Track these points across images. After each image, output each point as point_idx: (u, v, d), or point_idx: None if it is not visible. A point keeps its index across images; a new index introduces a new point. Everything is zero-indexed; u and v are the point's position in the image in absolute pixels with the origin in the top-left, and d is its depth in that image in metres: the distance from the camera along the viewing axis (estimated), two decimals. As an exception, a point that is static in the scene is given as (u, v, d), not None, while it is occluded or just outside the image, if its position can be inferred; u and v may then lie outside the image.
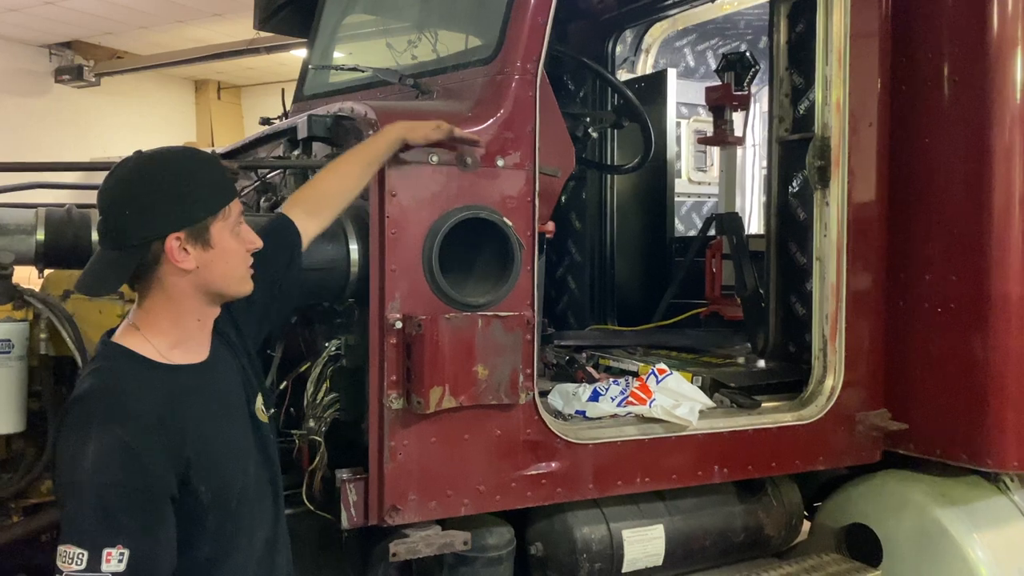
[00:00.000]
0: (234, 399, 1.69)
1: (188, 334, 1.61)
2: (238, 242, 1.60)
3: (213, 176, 1.58)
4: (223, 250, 1.56)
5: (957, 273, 2.62)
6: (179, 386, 1.56)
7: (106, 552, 1.39)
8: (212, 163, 1.62)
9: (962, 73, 2.60)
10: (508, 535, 2.24)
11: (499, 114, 2.07)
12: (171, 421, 1.50)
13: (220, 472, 1.57)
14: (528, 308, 2.11)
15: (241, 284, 1.63)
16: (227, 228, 1.57)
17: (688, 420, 2.31)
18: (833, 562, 2.63)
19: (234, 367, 1.71)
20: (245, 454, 1.66)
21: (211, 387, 1.63)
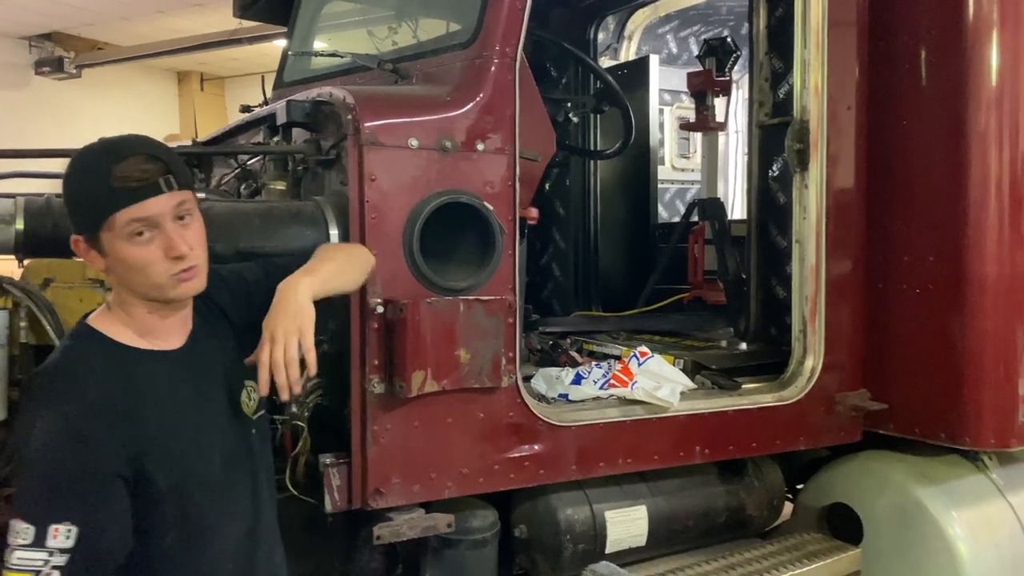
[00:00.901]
0: (212, 389, 1.67)
1: (148, 325, 1.60)
2: (141, 252, 1.51)
3: (97, 187, 1.50)
4: (120, 259, 1.52)
5: (935, 254, 2.65)
6: (143, 371, 1.56)
7: (52, 528, 1.41)
8: (101, 172, 1.50)
9: (939, 56, 2.63)
10: (492, 518, 2.25)
11: (478, 98, 2.07)
12: (124, 405, 1.50)
13: (180, 461, 1.55)
14: (510, 292, 2.12)
15: (161, 291, 1.55)
16: (117, 239, 1.50)
17: (669, 402, 2.33)
18: (814, 541, 2.67)
19: (219, 357, 1.69)
20: (212, 446, 1.63)
21: (181, 374, 1.62)
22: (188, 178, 1.60)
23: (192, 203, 1.58)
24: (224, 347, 1.72)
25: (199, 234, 1.59)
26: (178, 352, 1.63)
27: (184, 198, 1.55)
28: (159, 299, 1.57)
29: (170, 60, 12.49)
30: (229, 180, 2.52)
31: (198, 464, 1.59)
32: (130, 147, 1.54)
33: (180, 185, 1.54)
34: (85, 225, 1.53)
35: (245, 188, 2.40)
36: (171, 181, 1.52)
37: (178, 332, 1.64)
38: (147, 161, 1.51)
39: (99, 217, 1.50)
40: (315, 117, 2.08)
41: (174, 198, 1.53)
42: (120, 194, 1.49)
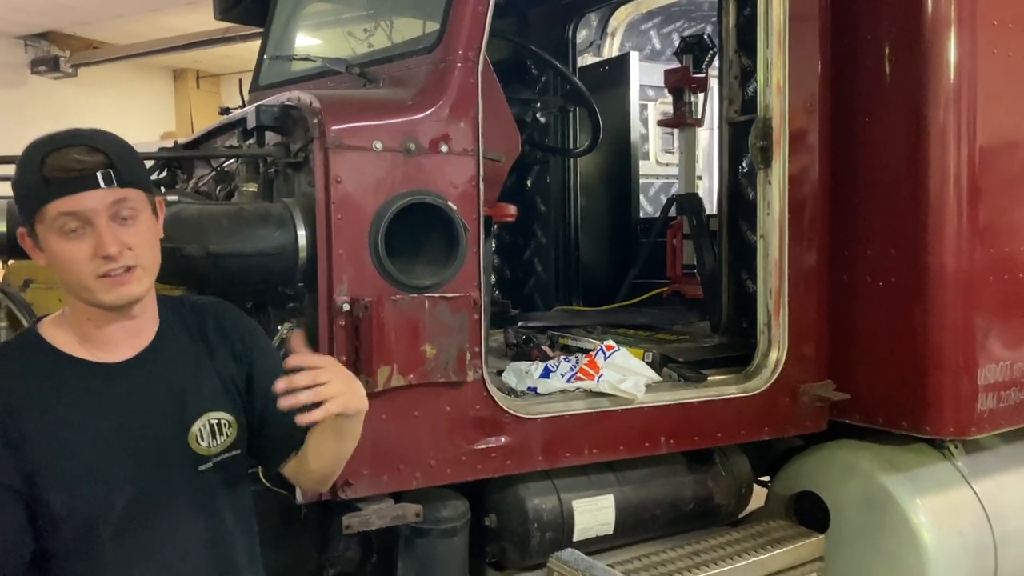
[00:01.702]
0: (148, 414, 1.53)
1: (87, 331, 1.51)
2: (70, 248, 1.42)
3: (30, 177, 1.43)
4: (51, 254, 1.45)
5: (896, 248, 2.71)
6: (61, 379, 1.48)
7: None
8: (34, 163, 1.43)
9: (899, 54, 2.69)
10: (462, 507, 2.32)
11: (442, 102, 2.13)
12: (19, 412, 1.43)
13: (71, 489, 1.45)
14: (475, 289, 2.18)
15: (89, 293, 1.45)
16: (48, 232, 1.42)
17: (633, 394, 2.40)
18: (779, 528, 2.74)
19: (176, 380, 1.56)
20: (120, 478, 1.48)
21: (110, 390, 1.51)
22: (137, 176, 1.50)
23: (140, 203, 1.48)
24: (195, 372, 1.59)
25: (144, 236, 1.48)
26: (116, 366, 1.52)
27: (127, 196, 1.45)
28: (91, 302, 1.47)
29: (165, 58, 12.55)
30: (207, 182, 2.59)
31: (91, 499, 1.46)
32: (71, 138, 1.46)
33: (124, 182, 1.44)
34: (24, 217, 1.46)
35: (221, 190, 2.47)
36: (111, 176, 1.43)
37: (124, 343, 1.54)
38: (86, 153, 1.43)
39: (32, 209, 1.43)
40: (284, 121, 2.15)
41: (113, 194, 1.43)
42: (51, 185, 1.41)
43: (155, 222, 1.53)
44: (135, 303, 1.51)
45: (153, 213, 1.53)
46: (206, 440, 1.58)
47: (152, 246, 1.51)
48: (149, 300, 1.57)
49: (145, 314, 1.57)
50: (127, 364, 1.54)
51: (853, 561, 2.81)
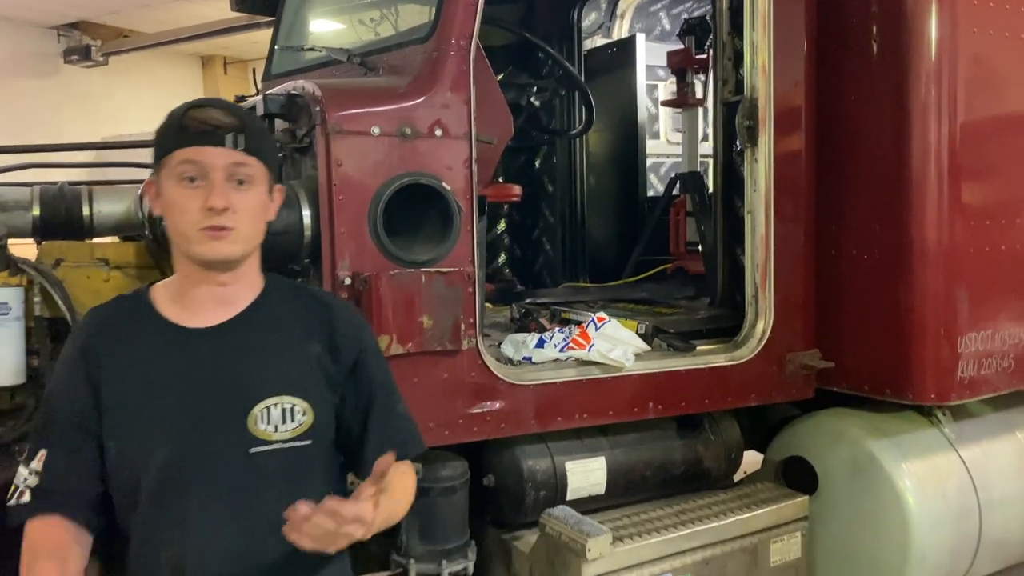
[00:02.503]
0: (205, 385, 1.54)
1: (182, 290, 1.58)
2: (182, 195, 1.51)
3: (169, 125, 1.54)
4: (166, 200, 1.54)
5: (880, 222, 2.81)
6: (141, 336, 1.56)
7: (40, 452, 1.54)
8: (178, 113, 1.54)
9: (883, 34, 2.78)
10: (462, 468, 2.49)
11: (436, 88, 2.27)
12: (100, 357, 1.54)
13: (121, 440, 1.52)
14: (469, 264, 2.33)
15: (188, 243, 1.52)
16: (170, 176, 1.52)
17: (622, 362, 2.54)
18: (766, 490, 2.87)
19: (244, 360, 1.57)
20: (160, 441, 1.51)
21: (178, 356, 1.55)
22: (263, 149, 1.57)
23: (259, 174, 1.55)
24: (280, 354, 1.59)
25: (251, 205, 1.54)
26: (195, 331, 1.57)
27: (247, 162, 1.53)
28: (187, 253, 1.53)
29: (194, 45, 12.77)
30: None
31: (140, 451, 1.52)
32: (215, 101, 1.59)
33: (249, 150, 1.53)
34: (154, 163, 1.56)
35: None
36: (239, 139, 1.51)
37: (210, 310, 1.58)
38: (224, 115, 1.53)
39: (162, 153, 1.53)
40: (290, 109, 2.30)
41: (235, 156, 1.51)
42: (185, 134, 1.51)
43: (268, 201, 1.60)
44: (228, 266, 1.56)
45: (269, 193, 1.60)
46: (269, 423, 1.55)
47: (257, 218, 1.57)
48: (245, 272, 1.60)
49: (237, 284, 1.60)
50: (206, 331, 1.57)
51: (840, 523, 2.93)
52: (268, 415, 1.55)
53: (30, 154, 2.81)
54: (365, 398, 1.69)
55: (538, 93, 3.38)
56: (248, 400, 1.55)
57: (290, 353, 1.61)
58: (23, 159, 2.70)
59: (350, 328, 1.70)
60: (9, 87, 11.33)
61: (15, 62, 11.67)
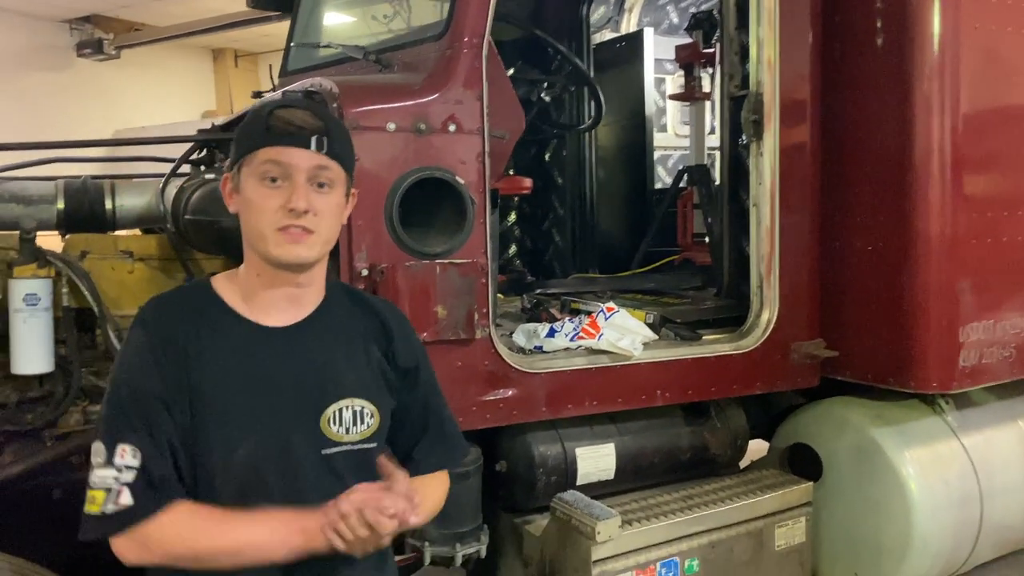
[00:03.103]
0: (282, 386, 1.54)
1: (252, 289, 1.57)
2: (263, 194, 1.50)
3: (254, 123, 1.54)
4: (246, 198, 1.53)
5: (884, 215, 2.87)
6: (217, 329, 1.54)
7: (120, 448, 1.43)
8: (263, 113, 1.54)
9: (887, 29, 2.83)
10: (475, 454, 2.55)
11: (449, 84, 2.34)
12: (180, 346, 1.50)
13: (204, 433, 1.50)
14: (482, 256, 2.39)
15: (264, 243, 1.50)
16: (251, 175, 1.51)
17: (630, 351, 2.61)
18: (771, 476, 2.94)
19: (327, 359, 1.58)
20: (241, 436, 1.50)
21: (256, 354, 1.54)
22: (345, 154, 1.57)
23: (339, 178, 1.55)
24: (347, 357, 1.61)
25: (331, 208, 1.54)
26: (270, 330, 1.57)
27: (330, 165, 1.53)
28: (263, 254, 1.52)
29: (205, 38, 12.84)
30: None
31: (221, 443, 1.50)
32: (300, 102, 1.59)
33: (333, 154, 1.53)
34: (233, 159, 1.55)
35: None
36: (323, 143, 1.51)
37: (283, 310, 1.58)
38: (310, 117, 1.53)
39: (245, 151, 1.52)
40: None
41: (319, 159, 1.51)
42: (270, 133, 1.50)
43: (344, 203, 1.60)
44: (303, 268, 1.55)
45: (346, 196, 1.60)
46: (340, 425, 1.57)
47: (334, 221, 1.57)
48: (317, 273, 1.61)
49: (311, 286, 1.61)
50: (281, 331, 1.57)
51: (844, 509, 3.00)
52: (340, 417, 1.57)
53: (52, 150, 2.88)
54: (420, 404, 1.73)
55: (548, 89, 3.44)
56: (321, 402, 1.56)
57: (357, 356, 1.63)
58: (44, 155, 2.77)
59: (406, 334, 1.74)
60: (22, 81, 11.44)
61: (28, 56, 11.77)
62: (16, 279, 2.25)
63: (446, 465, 1.79)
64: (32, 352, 2.29)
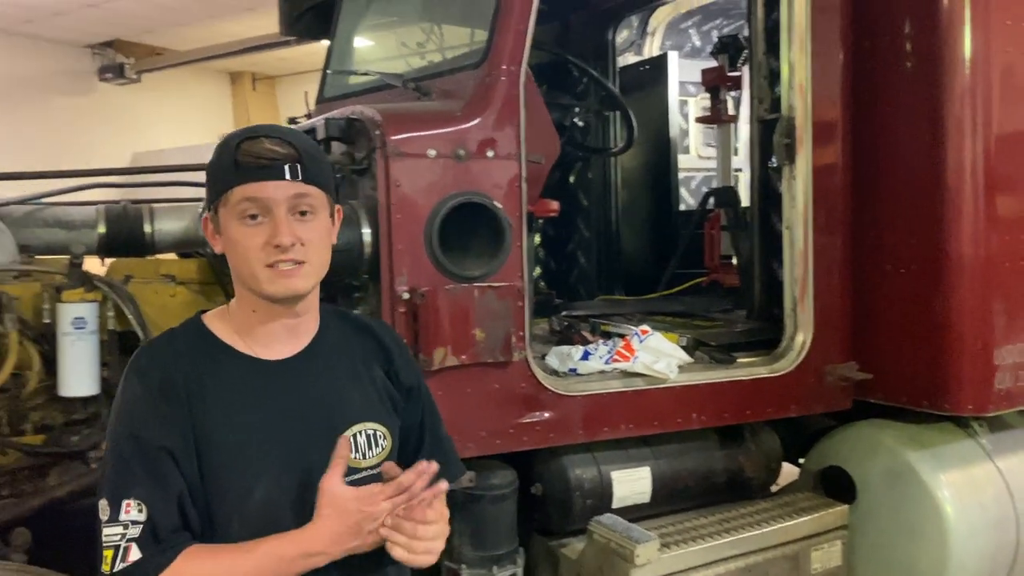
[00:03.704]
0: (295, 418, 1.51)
1: (248, 324, 1.53)
2: (245, 233, 1.45)
3: (223, 161, 1.47)
4: (228, 239, 1.48)
5: (917, 236, 2.87)
6: (219, 369, 1.50)
7: (125, 503, 1.38)
8: (229, 147, 1.47)
9: (917, 53, 2.85)
10: (511, 476, 2.57)
11: (488, 111, 2.37)
12: (182, 388, 1.45)
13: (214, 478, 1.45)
14: (519, 279, 2.42)
15: (256, 283, 1.46)
16: (230, 216, 1.46)
17: (666, 374, 2.62)
18: (805, 499, 2.93)
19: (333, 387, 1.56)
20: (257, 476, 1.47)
21: (262, 390, 1.51)
22: (322, 176, 1.52)
23: (320, 202, 1.50)
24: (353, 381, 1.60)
25: (318, 234, 1.49)
26: (273, 363, 1.53)
27: (309, 192, 1.47)
28: (257, 292, 1.48)
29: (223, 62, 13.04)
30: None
31: (236, 488, 1.46)
32: (268, 130, 1.50)
33: (309, 179, 1.47)
34: (209, 200, 1.51)
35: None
36: (297, 170, 1.46)
37: (282, 342, 1.55)
38: (279, 144, 1.46)
39: (218, 192, 1.47)
40: (349, 132, 2.41)
41: (296, 188, 1.46)
42: (240, 170, 1.44)
43: (331, 225, 1.56)
44: (299, 299, 1.51)
45: (330, 216, 1.55)
46: (358, 451, 1.55)
47: (323, 246, 1.53)
48: (312, 300, 1.57)
49: (308, 315, 1.57)
50: (284, 363, 1.54)
51: (878, 533, 2.99)
52: (355, 443, 1.55)
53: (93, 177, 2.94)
54: (419, 422, 1.72)
55: (581, 113, 3.48)
56: (335, 429, 1.52)
57: (362, 379, 1.61)
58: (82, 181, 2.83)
59: (404, 351, 1.73)
60: (47, 105, 11.63)
61: (52, 81, 11.98)
62: (65, 303, 2.29)
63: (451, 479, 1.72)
64: (79, 375, 2.32)
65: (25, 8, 10.38)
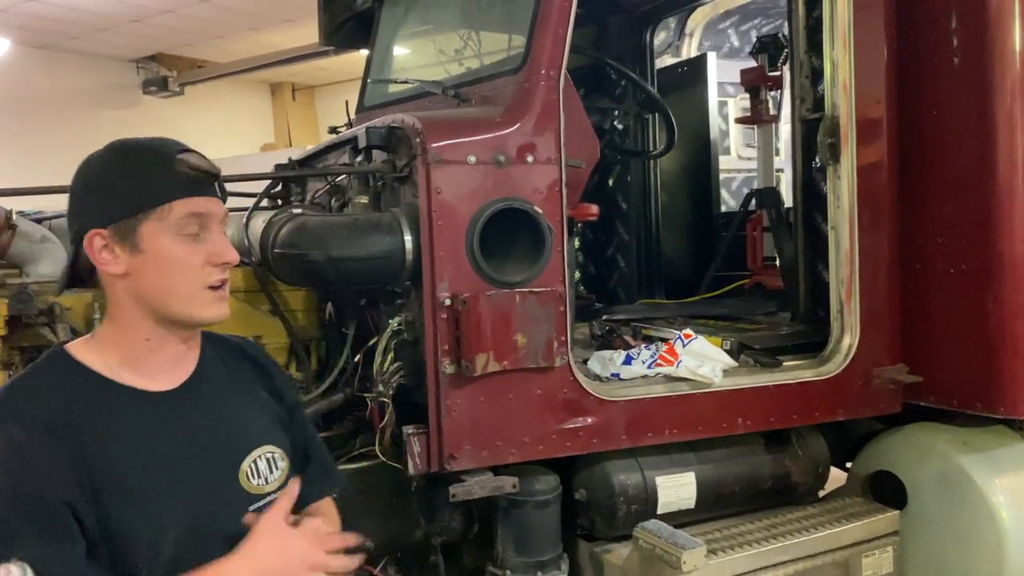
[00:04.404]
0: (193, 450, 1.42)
1: (136, 354, 1.40)
2: (186, 251, 1.36)
3: (155, 170, 1.36)
4: (157, 257, 1.35)
5: (967, 235, 2.80)
6: (103, 406, 1.35)
7: (4, 568, 1.21)
8: (162, 157, 1.37)
9: (965, 48, 2.78)
10: (554, 482, 2.55)
11: (527, 117, 2.37)
12: (77, 429, 1.31)
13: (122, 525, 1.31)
14: (560, 284, 2.41)
15: (185, 305, 1.37)
16: (165, 231, 1.35)
17: (710, 378, 2.59)
18: (855, 504, 2.87)
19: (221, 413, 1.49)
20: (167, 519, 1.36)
21: (156, 424, 1.39)
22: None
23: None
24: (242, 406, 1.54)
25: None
26: (161, 395, 1.43)
27: (225, 208, 1.45)
28: (184, 318, 1.39)
29: (263, 73, 13.26)
30: (321, 194, 2.91)
31: (148, 535, 1.34)
32: (179, 143, 1.44)
33: (225, 197, 1.46)
34: (122, 211, 1.34)
35: (335, 201, 2.78)
36: (223, 187, 1.44)
37: (169, 371, 1.45)
38: (207, 160, 1.41)
39: (151, 203, 1.34)
40: (390, 140, 2.43)
41: (222, 205, 1.43)
42: (185, 182, 1.36)
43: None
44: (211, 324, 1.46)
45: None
46: (259, 477, 1.50)
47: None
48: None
49: (193, 340, 1.50)
50: (172, 395, 1.44)
51: (931, 539, 2.92)
52: (256, 469, 1.50)
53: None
54: (303, 437, 1.70)
55: (621, 117, 3.46)
56: (235, 458, 1.47)
57: (250, 402, 1.56)
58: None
59: (279, 367, 1.70)
60: (93, 118, 11.91)
61: (98, 95, 12.28)
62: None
63: (331, 492, 1.74)
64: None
65: (71, 24, 10.66)
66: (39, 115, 11.35)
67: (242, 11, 10.57)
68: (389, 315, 2.45)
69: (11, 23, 10.05)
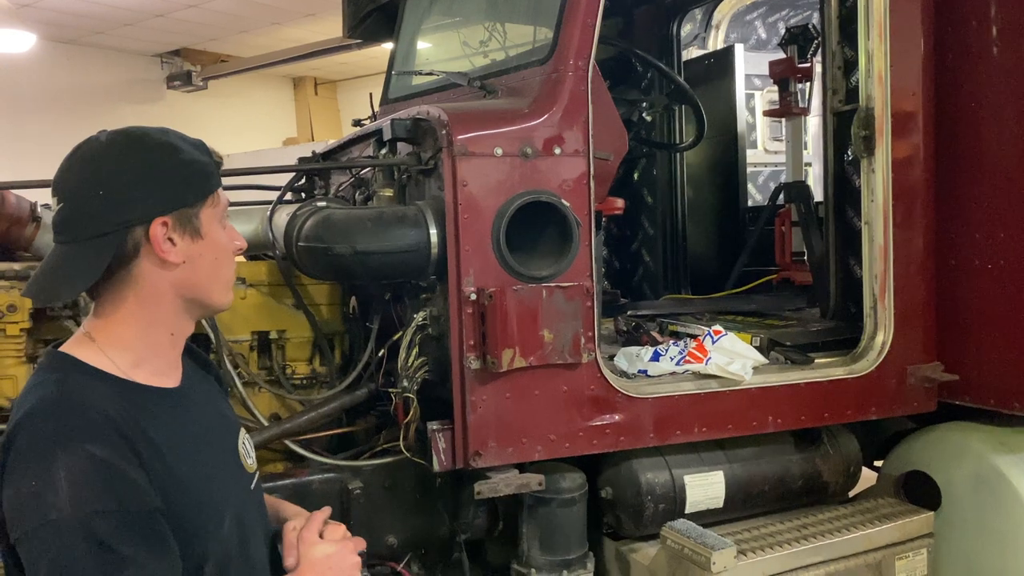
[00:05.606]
0: (212, 434, 1.48)
1: (156, 351, 1.39)
2: (228, 236, 1.43)
3: (199, 157, 1.39)
4: (213, 242, 1.38)
5: (1005, 231, 2.73)
6: (135, 404, 1.33)
7: None
8: (196, 144, 1.42)
9: (1005, 37, 2.70)
10: (580, 479, 2.52)
11: (554, 109, 2.32)
12: (133, 433, 1.28)
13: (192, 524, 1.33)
14: (587, 279, 2.37)
15: (225, 292, 1.44)
16: (215, 217, 1.39)
17: (741, 376, 2.54)
18: (887, 505, 2.81)
19: (213, 402, 1.56)
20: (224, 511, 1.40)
21: (184, 414, 1.42)
22: None
23: None
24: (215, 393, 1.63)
25: None
26: (176, 391, 1.44)
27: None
28: (214, 303, 1.44)
29: (286, 68, 13.27)
30: (345, 187, 2.88)
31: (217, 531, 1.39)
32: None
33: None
34: (186, 198, 1.34)
35: (359, 194, 2.75)
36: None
37: (175, 367, 1.47)
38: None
39: (209, 188, 1.37)
40: (415, 132, 2.39)
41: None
42: (216, 171, 1.42)
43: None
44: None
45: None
46: (249, 457, 1.59)
47: None
48: None
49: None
50: (180, 389, 1.45)
51: (965, 541, 2.85)
52: (246, 449, 1.59)
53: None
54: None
55: (649, 108, 3.41)
56: (232, 443, 1.55)
57: (217, 392, 1.66)
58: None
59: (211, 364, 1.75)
60: (118, 113, 11.96)
61: (123, 89, 12.35)
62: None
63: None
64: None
65: (96, 20, 10.72)
66: (64, 109, 11.43)
67: (265, 5, 10.58)
68: (414, 309, 2.42)
69: (37, 18, 10.11)
